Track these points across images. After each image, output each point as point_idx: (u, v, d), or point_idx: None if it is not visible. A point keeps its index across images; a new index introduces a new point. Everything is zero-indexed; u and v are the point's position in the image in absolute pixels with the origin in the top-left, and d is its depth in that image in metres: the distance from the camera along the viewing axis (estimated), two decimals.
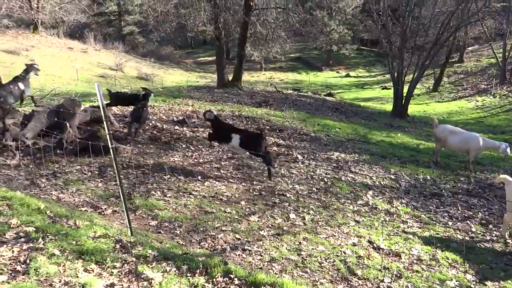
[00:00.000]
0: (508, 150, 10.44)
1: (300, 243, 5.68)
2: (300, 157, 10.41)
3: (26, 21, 38.85)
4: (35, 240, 4.47)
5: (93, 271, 4.14)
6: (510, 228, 6.76)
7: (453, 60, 40.82)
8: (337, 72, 52.32)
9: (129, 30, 56.01)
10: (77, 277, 3.99)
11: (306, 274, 4.88)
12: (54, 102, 12.06)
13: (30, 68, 11.40)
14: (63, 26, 41.93)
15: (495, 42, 39.22)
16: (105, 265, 4.24)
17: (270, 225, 6.18)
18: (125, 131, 10.73)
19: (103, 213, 5.92)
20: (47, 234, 4.65)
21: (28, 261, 4.07)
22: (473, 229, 7.13)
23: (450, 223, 7.34)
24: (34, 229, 4.71)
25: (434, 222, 7.32)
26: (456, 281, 5.11)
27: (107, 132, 4.79)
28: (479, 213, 8.01)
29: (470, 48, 44.80)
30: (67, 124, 8.79)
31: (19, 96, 11.06)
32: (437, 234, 6.74)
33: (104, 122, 4.81)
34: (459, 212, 7.97)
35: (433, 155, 12.04)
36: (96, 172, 7.55)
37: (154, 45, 51.61)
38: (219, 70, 25.49)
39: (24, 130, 8.64)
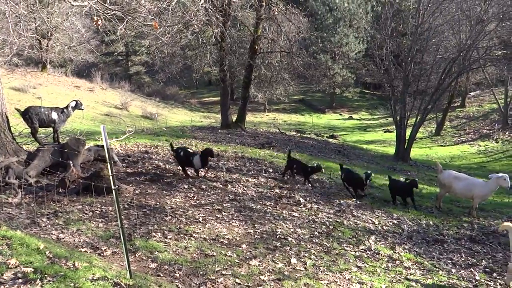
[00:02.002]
0: (508, 180, 10.30)
1: None
2: (302, 200, 10.37)
3: (35, 60, 39.70)
4: (33, 282, 4.43)
5: None
6: None
7: (455, 104, 41.25)
8: (340, 114, 52.82)
9: (135, 70, 57.09)
10: None
11: None
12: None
13: (77, 104, 11.76)
14: (71, 65, 42.83)
15: (496, 87, 39.72)
16: None
17: (271, 270, 6.11)
18: (127, 170, 10.77)
19: (102, 254, 5.87)
20: (45, 275, 4.61)
21: None
22: (477, 277, 7.02)
23: (453, 270, 7.24)
24: (33, 270, 4.66)
25: (437, 269, 7.22)
26: None
27: (110, 172, 4.82)
28: (483, 260, 7.90)
29: (472, 93, 45.31)
30: (71, 163, 8.83)
31: (44, 122, 11.38)
32: (440, 281, 6.64)
33: (108, 163, 4.84)
34: (462, 259, 7.86)
35: (436, 200, 11.97)
36: (98, 212, 7.53)
37: (160, 85, 52.43)
38: (223, 111, 25.76)
39: (28, 168, 8.69)
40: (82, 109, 12.40)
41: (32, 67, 38.00)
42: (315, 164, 12.37)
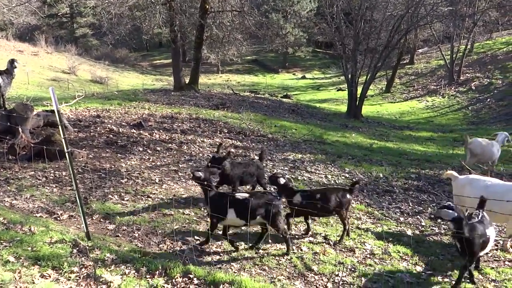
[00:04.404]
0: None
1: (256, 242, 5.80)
2: (257, 158, 10.54)
3: None
4: None
5: (50, 276, 4.12)
6: None
7: (404, 62, 42.19)
8: (293, 74, 53.03)
9: (82, 33, 54.80)
10: (34, 283, 3.97)
11: (264, 272, 5.00)
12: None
13: (13, 62, 11.10)
14: (12, 28, 40.60)
15: (443, 44, 40.84)
16: (62, 270, 4.22)
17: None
18: (79, 135, 10.57)
19: (59, 218, 5.84)
20: (1, 241, 4.59)
21: None
22: (423, 223, 7.45)
23: (401, 218, 7.64)
24: None
25: (386, 218, 7.61)
26: (407, 272, 5.36)
27: (62, 135, 4.75)
28: (429, 208, 8.37)
29: (420, 50, 46.40)
30: (20, 129, 8.58)
31: None
32: (389, 229, 7.01)
33: (60, 126, 4.77)
34: (410, 207, 8.30)
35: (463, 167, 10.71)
36: (51, 177, 7.42)
37: (108, 48, 50.76)
38: (176, 73, 25.33)
39: None
40: (21, 67, 11.68)
41: None
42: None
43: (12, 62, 11.06)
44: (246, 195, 5.39)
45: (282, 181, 5.86)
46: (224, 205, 5.19)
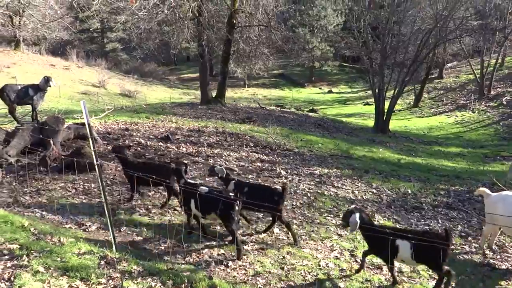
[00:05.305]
0: None
1: (283, 257, 5.76)
2: (283, 172, 10.52)
3: (8, 38, 38.61)
4: (19, 257, 4.48)
5: (78, 287, 4.16)
6: (488, 240, 6.93)
7: (433, 76, 41.64)
8: (320, 88, 52.87)
9: (112, 47, 55.97)
10: None
11: None
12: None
13: (49, 79, 11.50)
14: (45, 43, 41.75)
15: (473, 58, 40.17)
16: (90, 281, 4.27)
17: (254, 240, 6.25)
18: (109, 148, 10.74)
19: (87, 229, 5.93)
20: (32, 251, 4.66)
21: (12, 278, 4.08)
22: (453, 241, 7.28)
23: None
24: (18, 246, 4.71)
25: None
26: None
27: (92, 148, 4.84)
28: (459, 225, 8.18)
29: (449, 65, 45.76)
30: (51, 141, 8.78)
31: (21, 98, 11.20)
32: None
33: (90, 139, 4.86)
34: (439, 225, 8.13)
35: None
36: (81, 189, 7.55)
37: (137, 62, 51.68)
38: (203, 87, 25.58)
39: (7, 148, 8.61)
40: (54, 85, 12.15)
41: (4, 46, 36.99)
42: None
43: (47, 80, 11.44)
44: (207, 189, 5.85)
45: (219, 170, 6.60)
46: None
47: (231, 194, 5.73)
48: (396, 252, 4.98)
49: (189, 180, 6.27)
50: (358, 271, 5.50)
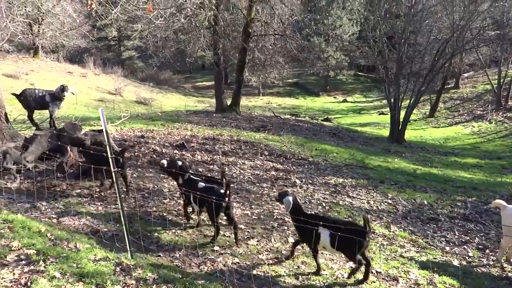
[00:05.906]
0: None
1: (298, 267, 5.73)
2: (298, 181, 10.49)
3: (27, 46, 39.29)
4: (36, 263, 4.51)
5: None
6: (506, 253, 6.81)
7: (449, 86, 41.32)
8: (334, 97, 52.81)
9: (128, 55, 56.64)
10: None
11: None
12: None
13: (64, 88, 11.73)
14: (63, 51, 42.40)
15: (490, 68, 39.78)
16: None
17: (268, 249, 6.22)
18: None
19: (103, 236, 5.95)
20: (48, 256, 4.69)
21: (29, 283, 4.11)
22: (470, 254, 7.18)
23: (447, 248, 7.39)
24: (35, 251, 4.75)
25: (431, 246, 7.37)
26: None
27: (109, 155, 4.88)
28: (476, 238, 8.07)
29: (465, 75, 45.36)
30: (68, 147, 8.86)
31: (38, 103, 11.41)
32: (435, 258, 6.79)
33: (107, 146, 4.90)
34: (456, 237, 8.03)
35: None
36: (97, 195, 7.61)
37: (153, 70, 52.22)
38: (218, 95, 25.71)
39: (25, 154, 8.71)
40: (73, 93, 12.36)
41: (23, 53, 37.65)
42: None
43: (63, 89, 11.65)
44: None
45: (179, 163, 6.74)
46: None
47: (221, 191, 6.01)
48: (318, 239, 5.36)
49: (191, 177, 6.69)
50: (287, 258, 5.85)
